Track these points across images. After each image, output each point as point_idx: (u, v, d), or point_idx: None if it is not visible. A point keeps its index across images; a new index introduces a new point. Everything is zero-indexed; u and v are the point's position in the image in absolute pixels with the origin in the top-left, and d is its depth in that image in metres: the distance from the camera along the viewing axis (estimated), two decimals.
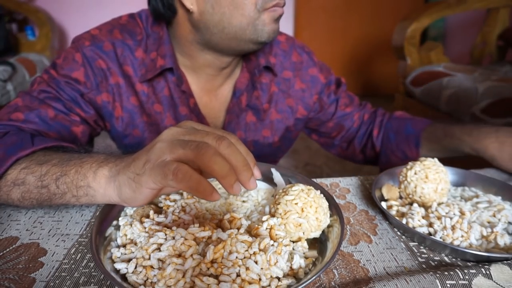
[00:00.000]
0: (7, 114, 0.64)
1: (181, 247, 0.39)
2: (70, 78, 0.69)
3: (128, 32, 0.73)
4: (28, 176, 0.50)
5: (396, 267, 0.45)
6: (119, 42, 0.72)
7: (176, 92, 0.75)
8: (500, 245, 0.46)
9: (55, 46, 2.46)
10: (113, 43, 0.72)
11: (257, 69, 0.78)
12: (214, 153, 0.36)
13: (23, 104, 0.66)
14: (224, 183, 0.36)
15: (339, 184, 0.65)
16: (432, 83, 1.75)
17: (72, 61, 0.70)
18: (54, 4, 2.65)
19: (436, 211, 0.51)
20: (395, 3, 3.22)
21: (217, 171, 0.35)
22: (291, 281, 0.39)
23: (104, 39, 0.72)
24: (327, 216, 0.46)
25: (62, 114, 0.68)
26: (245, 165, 0.38)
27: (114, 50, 0.72)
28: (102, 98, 0.72)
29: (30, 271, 0.43)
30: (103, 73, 0.72)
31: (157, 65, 0.71)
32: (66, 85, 0.69)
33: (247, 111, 0.81)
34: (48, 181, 0.48)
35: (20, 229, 0.52)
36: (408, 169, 0.56)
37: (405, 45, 1.87)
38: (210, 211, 0.50)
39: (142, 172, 0.38)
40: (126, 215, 0.49)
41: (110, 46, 0.72)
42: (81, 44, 0.71)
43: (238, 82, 0.78)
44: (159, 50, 0.72)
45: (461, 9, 1.90)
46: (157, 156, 0.38)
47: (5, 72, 1.88)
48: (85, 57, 0.70)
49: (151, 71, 0.72)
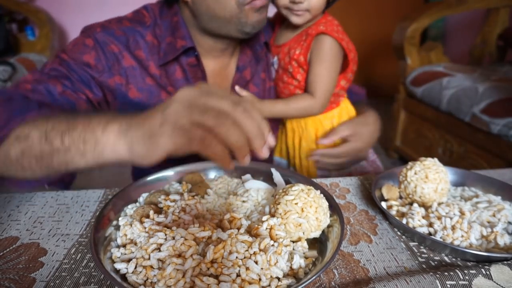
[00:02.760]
0: (15, 85, 0.64)
1: (181, 247, 0.39)
2: (81, 62, 0.69)
3: (136, 21, 0.75)
4: (32, 131, 0.48)
5: (396, 267, 0.45)
6: (129, 29, 0.73)
7: (191, 73, 0.76)
8: (500, 245, 0.46)
9: (55, 46, 2.46)
10: (124, 30, 0.73)
11: (258, 45, 0.82)
12: (232, 123, 0.37)
13: (33, 78, 0.66)
14: (237, 154, 0.38)
15: (339, 184, 0.65)
16: (432, 83, 1.75)
17: (83, 45, 0.70)
18: (54, 4, 2.64)
19: (436, 211, 0.51)
20: (395, 3, 3.22)
21: (233, 143, 0.37)
22: (291, 281, 0.39)
23: (114, 27, 0.73)
24: (327, 216, 0.46)
25: (70, 91, 0.68)
26: (259, 132, 0.39)
27: (125, 36, 0.73)
28: (115, 81, 0.73)
29: (30, 271, 0.43)
30: (115, 56, 0.72)
31: (178, 46, 0.72)
32: (77, 67, 0.69)
33: (250, 84, 0.84)
34: (53, 135, 0.46)
35: (20, 229, 0.52)
36: (408, 169, 0.56)
37: (405, 45, 1.87)
38: (210, 211, 0.50)
39: (160, 133, 0.39)
40: (126, 215, 0.49)
41: (121, 32, 0.73)
42: (92, 31, 0.71)
43: (239, 60, 0.81)
44: (176, 33, 0.73)
45: (461, 9, 1.90)
46: (174, 118, 0.38)
47: (5, 72, 1.88)
48: (97, 41, 0.70)
49: (171, 53, 0.73)
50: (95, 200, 0.60)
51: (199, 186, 0.55)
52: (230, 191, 0.58)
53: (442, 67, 1.84)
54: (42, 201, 0.59)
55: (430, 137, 1.86)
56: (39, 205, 0.58)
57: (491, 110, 1.45)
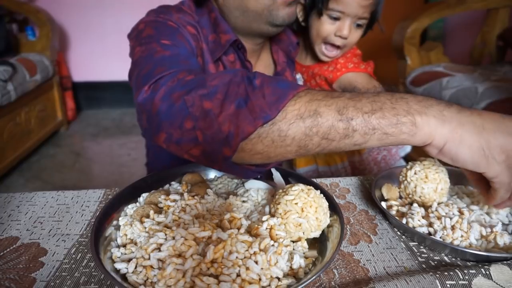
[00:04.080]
0: (169, 64, 0.54)
1: (181, 247, 0.39)
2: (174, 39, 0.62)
3: (187, 15, 0.71)
4: (321, 108, 0.42)
5: (396, 267, 0.45)
6: (191, 21, 0.70)
7: (238, 66, 0.75)
8: (499, 244, 0.46)
9: (55, 46, 2.46)
10: (190, 22, 0.69)
11: (291, 46, 0.83)
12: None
13: (170, 53, 0.57)
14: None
15: (339, 184, 0.65)
16: (432, 83, 1.75)
17: (167, 27, 0.64)
18: (54, 4, 2.64)
19: (436, 211, 0.51)
20: (395, 3, 3.22)
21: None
22: (291, 281, 0.39)
23: (185, 16, 0.69)
24: (327, 216, 0.46)
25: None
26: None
27: (194, 25, 0.70)
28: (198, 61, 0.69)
29: (30, 271, 0.43)
30: (195, 37, 0.69)
31: (223, 41, 0.71)
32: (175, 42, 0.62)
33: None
34: (352, 115, 0.42)
35: (21, 229, 0.52)
36: (408, 169, 0.56)
37: (405, 45, 1.87)
38: (210, 211, 0.50)
39: (501, 160, 0.41)
40: (126, 215, 0.49)
41: (192, 17, 0.70)
42: (168, 15, 0.66)
43: (278, 64, 0.82)
44: (217, 29, 0.72)
45: (461, 9, 1.89)
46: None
47: (5, 72, 1.88)
48: (177, 23, 0.66)
49: (219, 50, 0.71)
50: (95, 200, 0.60)
51: (199, 186, 0.55)
52: (230, 191, 0.58)
53: (442, 67, 1.84)
54: (42, 201, 0.59)
55: None
56: (39, 205, 0.58)
57: (491, 110, 1.43)
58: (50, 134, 2.44)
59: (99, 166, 2.18)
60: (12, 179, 1.98)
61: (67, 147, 2.40)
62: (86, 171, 2.12)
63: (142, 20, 0.67)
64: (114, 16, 2.67)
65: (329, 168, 0.95)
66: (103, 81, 2.90)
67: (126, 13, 2.65)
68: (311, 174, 0.97)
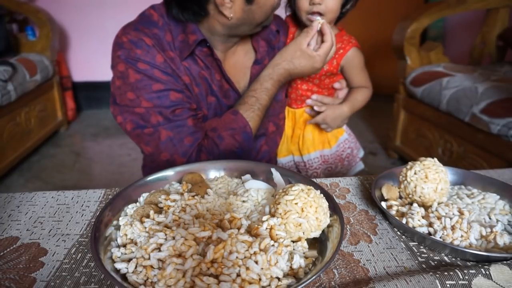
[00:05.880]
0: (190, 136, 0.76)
1: (181, 247, 0.40)
2: (166, 90, 0.74)
3: (149, 24, 0.76)
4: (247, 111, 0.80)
5: (396, 266, 0.45)
6: (149, 34, 0.75)
7: (208, 62, 0.81)
8: (499, 244, 0.46)
9: (55, 46, 2.46)
10: (148, 36, 0.74)
11: (271, 35, 0.90)
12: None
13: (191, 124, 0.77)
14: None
15: (339, 184, 0.66)
16: (432, 83, 1.75)
17: (149, 78, 0.74)
18: (54, 4, 2.65)
19: (436, 211, 0.51)
20: (395, 3, 3.22)
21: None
22: (291, 280, 0.39)
23: (140, 37, 0.74)
24: (327, 216, 0.46)
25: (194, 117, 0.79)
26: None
27: (152, 42, 0.75)
28: (185, 81, 0.78)
29: (30, 271, 0.43)
30: (164, 63, 0.75)
31: (190, 41, 0.76)
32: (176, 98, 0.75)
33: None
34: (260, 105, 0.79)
35: (21, 229, 0.52)
36: (408, 169, 0.56)
37: (405, 45, 1.87)
38: (210, 211, 0.50)
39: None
40: (126, 215, 0.49)
41: (149, 39, 0.75)
42: (133, 58, 0.74)
43: (258, 53, 0.88)
44: (186, 30, 0.77)
45: (461, 9, 1.90)
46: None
47: (5, 72, 1.88)
48: (149, 64, 0.74)
49: (186, 49, 0.77)
50: (95, 200, 0.60)
51: (199, 186, 0.55)
52: (230, 191, 0.58)
53: (442, 67, 1.84)
54: (43, 201, 0.59)
55: (430, 137, 1.86)
56: (40, 205, 0.58)
57: (490, 110, 1.45)
58: (50, 134, 2.44)
59: (99, 166, 2.18)
60: (12, 179, 1.98)
61: (67, 147, 2.41)
62: (86, 171, 2.12)
63: (120, 58, 0.75)
64: (114, 16, 2.67)
65: (302, 158, 1.02)
66: (103, 81, 2.89)
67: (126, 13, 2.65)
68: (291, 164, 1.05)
